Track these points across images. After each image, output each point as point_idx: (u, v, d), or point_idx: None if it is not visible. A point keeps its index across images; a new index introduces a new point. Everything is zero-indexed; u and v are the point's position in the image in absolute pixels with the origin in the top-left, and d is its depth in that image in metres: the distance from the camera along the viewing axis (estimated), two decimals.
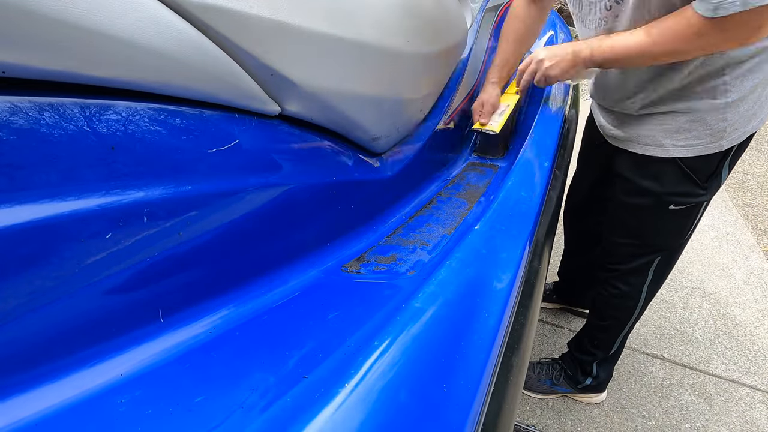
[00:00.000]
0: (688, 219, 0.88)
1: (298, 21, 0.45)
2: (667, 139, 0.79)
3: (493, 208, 0.58)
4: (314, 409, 0.29)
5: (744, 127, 0.76)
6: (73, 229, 0.31)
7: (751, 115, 0.75)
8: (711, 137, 0.76)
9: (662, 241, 0.93)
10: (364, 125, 0.63)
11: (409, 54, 0.65)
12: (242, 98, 0.45)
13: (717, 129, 0.75)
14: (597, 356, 1.16)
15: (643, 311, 1.06)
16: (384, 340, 0.35)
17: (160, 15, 0.35)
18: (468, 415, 0.33)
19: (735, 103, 0.72)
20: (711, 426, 1.20)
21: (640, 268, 0.97)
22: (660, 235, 0.91)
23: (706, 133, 0.75)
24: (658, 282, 1.01)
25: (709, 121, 0.74)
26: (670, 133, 0.78)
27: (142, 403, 0.32)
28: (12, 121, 0.29)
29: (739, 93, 0.72)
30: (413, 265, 0.59)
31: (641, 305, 1.03)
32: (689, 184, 0.81)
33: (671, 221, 0.88)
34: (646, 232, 0.92)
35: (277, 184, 0.49)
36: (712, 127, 0.74)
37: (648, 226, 0.91)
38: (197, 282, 0.42)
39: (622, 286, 1.02)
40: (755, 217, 2.10)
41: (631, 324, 1.08)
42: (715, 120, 0.74)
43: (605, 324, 1.11)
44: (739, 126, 0.75)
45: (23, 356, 0.30)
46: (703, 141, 0.76)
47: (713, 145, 0.76)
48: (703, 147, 0.77)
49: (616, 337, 1.11)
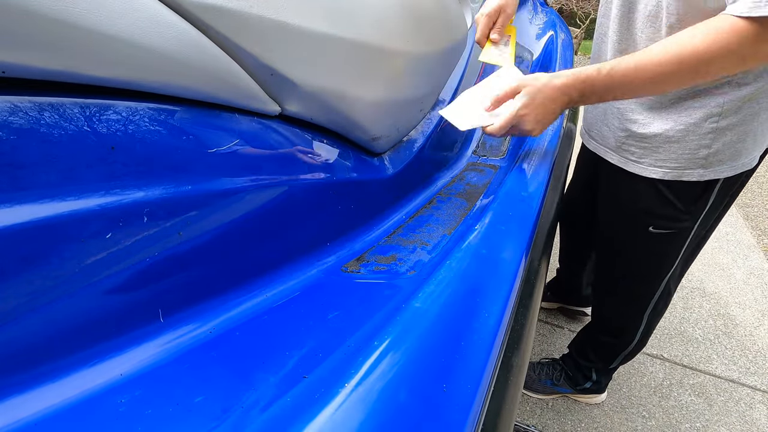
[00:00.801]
0: (671, 246, 0.82)
1: (298, 21, 0.45)
2: (645, 157, 0.73)
3: (493, 208, 0.58)
4: (314, 409, 0.29)
5: (732, 161, 0.68)
6: (73, 229, 0.31)
7: (741, 149, 0.67)
8: (690, 163, 0.69)
9: (645, 267, 0.87)
10: (364, 125, 0.63)
11: (409, 54, 0.65)
12: (242, 98, 0.45)
13: (697, 156, 0.68)
14: (597, 365, 1.16)
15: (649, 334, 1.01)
16: (384, 340, 0.35)
17: (160, 15, 0.35)
18: (468, 415, 0.33)
19: (719, 131, 0.66)
20: (711, 426, 1.20)
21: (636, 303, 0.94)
22: (643, 259, 0.86)
23: (685, 157, 0.69)
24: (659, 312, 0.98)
25: (689, 143, 0.68)
26: (648, 150, 0.72)
27: (142, 403, 0.32)
28: (12, 121, 0.29)
29: (727, 121, 0.65)
30: (413, 265, 0.59)
31: (643, 329, 1.00)
32: (668, 207, 0.75)
33: (653, 245, 0.82)
34: (626, 251, 0.88)
35: (277, 184, 0.49)
36: (692, 151, 0.68)
37: (628, 245, 0.86)
38: (197, 282, 0.42)
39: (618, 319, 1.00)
40: (755, 217, 2.10)
41: (633, 347, 1.05)
42: (695, 145, 0.67)
43: (609, 341, 1.09)
44: (725, 158, 0.67)
45: (23, 356, 0.30)
46: (680, 165, 0.70)
47: (692, 172, 0.70)
48: (680, 172, 0.70)
49: (619, 353, 1.09)
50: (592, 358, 1.16)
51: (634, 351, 1.07)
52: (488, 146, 1.06)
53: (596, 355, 1.14)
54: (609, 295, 1.02)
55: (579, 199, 1.11)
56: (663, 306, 0.97)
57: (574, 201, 1.13)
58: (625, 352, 1.08)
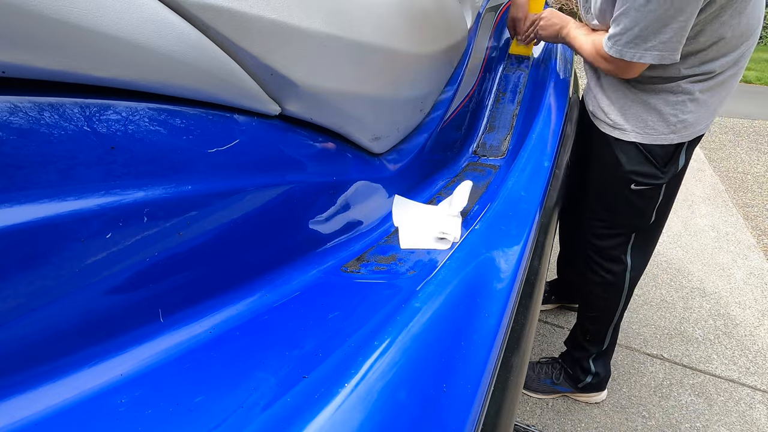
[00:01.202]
0: (650, 201, 0.97)
1: (298, 21, 0.45)
2: (627, 125, 0.91)
3: (493, 208, 0.58)
4: (314, 409, 0.29)
5: (695, 127, 0.87)
6: (73, 229, 0.31)
7: (701, 118, 0.86)
8: (665, 129, 0.87)
9: (628, 220, 1.01)
10: (364, 125, 0.63)
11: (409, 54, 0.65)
12: (242, 98, 0.45)
13: (670, 122, 0.86)
14: (591, 351, 1.18)
15: (628, 300, 1.12)
16: (384, 340, 0.35)
17: (160, 15, 0.35)
18: (468, 415, 0.33)
19: (685, 103, 0.84)
20: (711, 426, 1.20)
21: (616, 252, 1.05)
22: (625, 215, 1.01)
23: (660, 124, 0.87)
24: (638, 269, 1.08)
25: (664, 114, 0.86)
26: (630, 120, 0.90)
27: (142, 403, 0.32)
28: (12, 121, 0.29)
29: (691, 96, 0.83)
30: (413, 265, 0.58)
31: (625, 294, 1.09)
32: (649, 165, 0.92)
33: (634, 201, 0.97)
34: (612, 210, 1.02)
35: (277, 184, 0.49)
36: (667, 120, 0.86)
37: (614, 203, 1.01)
38: (197, 282, 0.42)
39: (605, 275, 1.08)
40: (755, 217, 2.10)
41: (618, 314, 1.13)
42: (668, 115, 0.86)
43: (593, 315, 1.15)
44: (690, 126, 0.86)
45: (23, 356, 0.30)
46: (656, 131, 0.88)
47: (665, 137, 0.88)
48: (656, 137, 0.89)
49: (606, 328, 1.15)
50: (585, 344, 1.19)
51: (615, 329, 1.15)
52: (488, 146, 1.06)
53: (588, 338, 1.18)
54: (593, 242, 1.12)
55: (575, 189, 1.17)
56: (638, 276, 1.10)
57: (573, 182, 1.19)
58: (610, 329, 1.15)
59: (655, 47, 0.74)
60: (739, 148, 2.85)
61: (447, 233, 0.66)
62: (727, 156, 2.75)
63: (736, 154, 2.78)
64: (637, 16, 0.71)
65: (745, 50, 0.81)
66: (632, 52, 0.76)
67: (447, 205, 0.76)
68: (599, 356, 1.18)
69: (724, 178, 2.46)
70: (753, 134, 3.06)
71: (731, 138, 3.01)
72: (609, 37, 0.78)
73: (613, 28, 0.76)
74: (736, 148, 2.85)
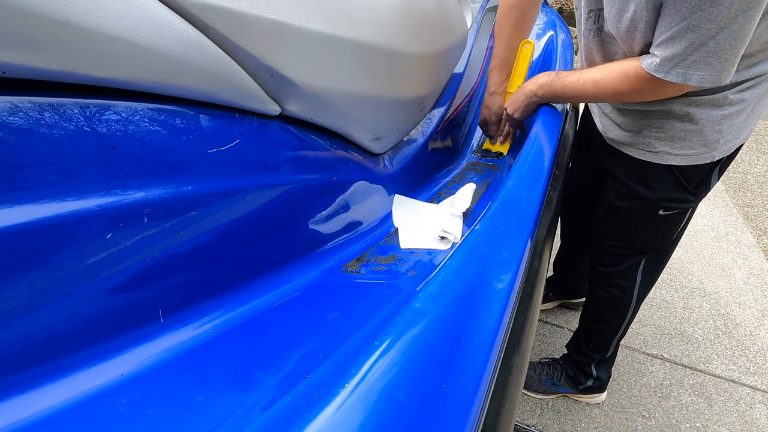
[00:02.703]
0: (675, 224, 0.90)
1: (298, 21, 0.45)
2: (663, 146, 0.80)
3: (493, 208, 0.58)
4: (314, 409, 0.29)
5: (735, 139, 0.78)
6: (73, 229, 0.31)
7: (744, 127, 0.77)
8: (705, 147, 0.78)
9: (648, 243, 0.95)
10: (364, 125, 0.63)
11: (409, 54, 0.65)
12: (242, 98, 0.45)
13: (711, 140, 0.77)
14: (595, 358, 1.17)
15: (635, 313, 1.08)
16: (384, 340, 0.35)
17: (160, 15, 0.35)
18: (468, 415, 0.33)
19: (731, 116, 0.75)
20: (711, 426, 1.20)
21: (629, 271, 1.00)
22: (647, 238, 0.94)
23: (701, 143, 0.77)
24: (648, 284, 1.03)
25: (705, 131, 0.76)
26: (666, 141, 0.79)
27: (142, 403, 0.32)
28: (12, 121, 0.29)
29: (737, 107, 0.74)
30: (413, 265, 0.58)
31: (633, 308, 1.06)
32: (681, 190, 0.84)
33: (659, 225, 0.90)
34: (633, 234, 0.95)
35: (277, 184, 0.49)
36: (707, 137, 0.76)
37: (636, 228, 0.93)
38: (197, 282, 0.42)
39: (614, 291, 1.04)
40: (755, 217, 2.10)
41: (625, 326, 1.10)
42: (710, 131, 0.76)
43: (600, 327, 1.13)
44: (731, 138, 0.77)
45: (23, 356, 0.30)
46: (697, 151, 0.78)
47: (706, 155, 0.78)
48: (696, 157, 0.79)
49: (611, 339, 1.13)
50: (588, 352, 1.17)
51: (625, 329, 1.12)
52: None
53: (592, 347, 1.16)
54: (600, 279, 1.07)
55: (578, 190, 1.15)
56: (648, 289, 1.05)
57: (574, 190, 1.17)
58: (614, 342, 1.12)
59: (710, 64, 0.61)
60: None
61: (448, 233, 0.66)
62: None
63: None
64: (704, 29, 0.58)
65: None
66: (686, 72, 0.62)
67: (449, 205, 0.76)
68: (602, 362, 1.18)
69: (724, 178, 2.46)
70: (753, 134, 3.06)
71: None
72: (663, 58, 0.63)
73: (669, 46, 0.62)
74: None
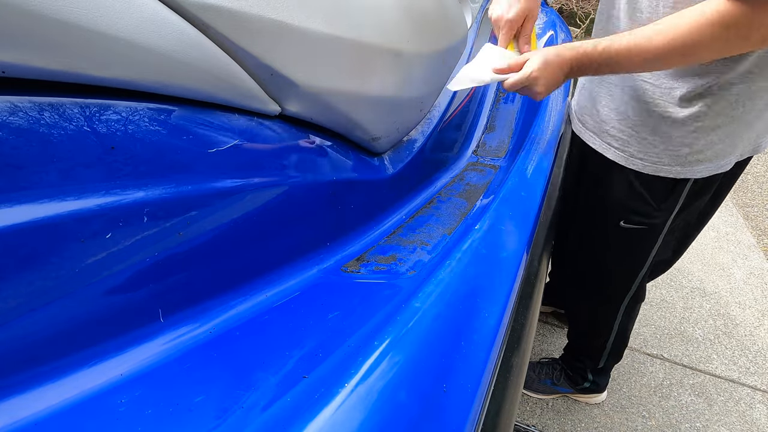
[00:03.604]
0: (642, 243, 0.81)
1: (298, 21, 0.45)
2: (629, 146, 0.73)
3: (493, 208, 0.58)
4: (314, 409, 0.29)
5: (710, 162, 0.68)
6: (73, 229, 0.31)
7: (720, 151, 0.67)
8: (670, 159, 0.69)
9: (617, 263, 0.87)
10: (364, 125, 0.63)
11: (409, 54, 0.65)
12: (242, 98, 0.45)
13: (678, 153, 0.69)
14: (588, 366, 1.17)
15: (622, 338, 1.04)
16: (384, 340, 0.35)
17: (160, 15, 0.35)
18: (468, 415, 0.33)
19: (705, 131, 0.66)
20: (711, 426, 1.20)
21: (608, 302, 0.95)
22: (613, 255, 0.86)
23: (667, 153, 0.69)
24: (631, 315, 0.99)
25: (673, 139, 0.68)
26: (634, 139, 0.72)
27: (142, 403, 0.32)
28: (12, 121, 0.29)
29: (713, 122, 0.65)
30: (413, 265, 0.58)
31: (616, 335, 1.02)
32: (639, 201, 0.75)
33: (624, 241, 0.82)
34: (598, 246, 0.88)
35: (277, 184, 0.49)
36: (674, 149, 0.68)
37: (599, 239, 0.87)
38: (197, 282, 0.42)
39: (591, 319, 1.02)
40: (755, 217, 2.10)
41: (612, 347, 1.06)
42: (678, 141, 0.68)
43: (583, 343, 1.12)
44: (703, 158, 0.68)
45: (23, 356, 0.30)
46: (662, 161, 0.70)
47: (670, 168, 0.70)
48: (659, 167, 0.71)
49: (600, 354, 1.11)
50: (581, 359, 1.17)
51: (614, 350, 1.07)
52: (488, 146, 1.06)
53: (583, 356, 1.16)
54: (579, 293, 1.02)
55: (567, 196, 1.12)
56: (636, 307, 0.97)
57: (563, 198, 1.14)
58: (606, 352, 1.08)
59: None
60: None
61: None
62: None
63: None
64: None
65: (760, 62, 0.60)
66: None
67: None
68: (597, 371, 1.17)
69: None
70: None
71: None
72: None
73: None
74: None
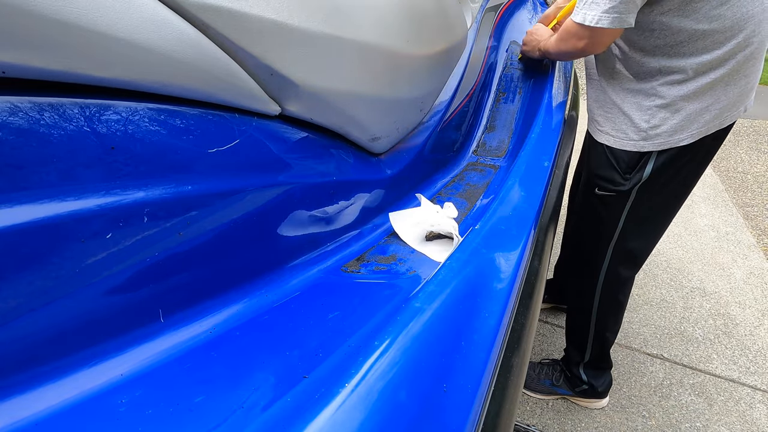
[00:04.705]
0: (611, 209, 0.93)
1: (298, 21, 0.45)
2: (605, 125, 0.89)
3: (493, 208, 0.58)
4: (314, 409, 0.29)
5: (669, 137, 0.81)
6: (73, 229, 0.31)
7: (678, 127, 0.80)
8: (635, 134, 0.83)
9: (588, 226, 1.00)
10: (364, 125, 0.63)
11: (409, 54, 0.65)
12: (242, 98, 0.45)
13: (641, 128, 0.82)
14: (577, 358, 1.18)
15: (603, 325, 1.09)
16: (384, 340, 0.35)
17: (159, 15, 0.35)
18: (468, 415, 0.33)
19: (662, 110, 0.80)
20: (711, 426, 1.20)
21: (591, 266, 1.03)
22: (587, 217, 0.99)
23: (631, 128, 0.84)
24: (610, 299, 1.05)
25: (635, 118, 0.82)
26: (606, 118, 0.88)
27: (142, 403, 0.32)
28: (12, 121, 0.29)
29: (669, 101, 0.79)
30: (413, 265, 0.58)
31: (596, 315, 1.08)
32: (611, 170, 0.89)
33: (598, 206, 0.95)
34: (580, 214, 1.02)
35: (277, 184, 0.49)
36: (637, 125, 0.83)
37: (581, 205, 1.01)
38: (197, 282, 0.42)
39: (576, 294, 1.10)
40: (755, 217, 2.10)
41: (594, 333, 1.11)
42: (639, 119, 0.82)
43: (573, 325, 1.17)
44: (663, 133, 0.81)
45: (23, 356, 0.30)
46: (627, 135, 0.85)
47: (634, 143, 0.84)
48: (625, 141, 0.85)
49: (585, 341, 1.14)
50: (571, 352, 1.19)
51: (598, 342, 1.12)
52: (488, 146, 1.06)
53: (572, 344, 1.19)
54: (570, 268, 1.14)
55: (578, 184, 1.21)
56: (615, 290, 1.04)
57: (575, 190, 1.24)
58: (589, 342, 1.13)
59: (612, 8, 0.70)
60: (739, 148, 2.85)
61: (440, 227, 0.65)
62: (727, 155, 2.74)
63: (736, 153, 2.78)
64: None
65: (735, 52, 0.73)
66: (592, 14, 0.73)
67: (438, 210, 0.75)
68: (588, 366, 1.18)
69: (723, 178, 2.46)
70: (753, 134, 3.06)
71: (731, 137, 3.00)
72: (576, 7, 0.77)
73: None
74: (736, 148, 2.85)
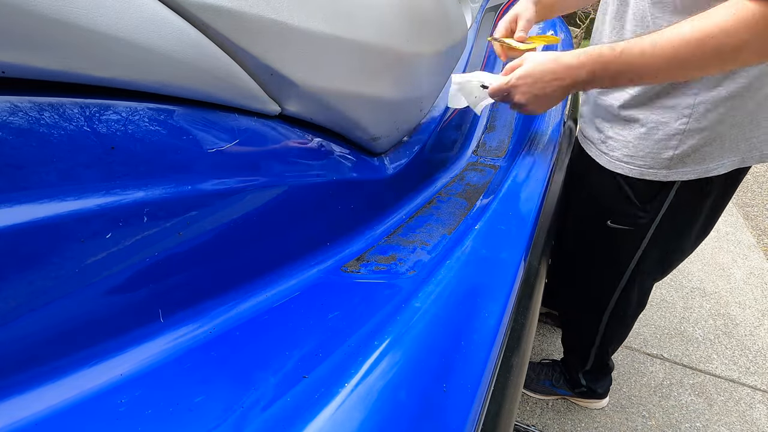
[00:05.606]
0: (627, 243, 0.82)
1: (297, 21, 0.45)
2: (616, 151, 0.73)
3: (493, 208, 0.58)
4: (314, 409, 0.29)
5: (696, 165, 0.67)
6: (73, 229, 0.31)
7: (706, 154, 0.66)
8: (653, 161, 0.69)
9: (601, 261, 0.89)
10: (364, 125, 0.63)
11: (409, 54, 0.65)
12: (242, 98, 0.45)
13: (662, 156, 0.68)
14: (578, 366, 1.16)
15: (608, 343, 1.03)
16: (384, 340, 0.35)
17: (159, 14, 0.35)
18: (468, 415, 0.33)
19: (689, 134, 0.65)
20: (711, 426, 1.20)
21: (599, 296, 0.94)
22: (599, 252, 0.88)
23: (651, 155, 0.69)
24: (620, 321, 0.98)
25: (658, 143, 0.68)
26: (620, 143, 0.72)
27: (142, 403, 0.32)
28: (12, 121, 0.29)
29: (699, 124, 0.64)
30: (413, 265, 0.58)
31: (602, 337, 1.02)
32: (625, 203, 0.76)
33: (612, 239, 0.82)
34: (585, 243, 0.90)
35: (276, 184, 0.49)
36: (658, 151, 0.68)
37: (587, 237, 0.89)
38: (197, 282, 0.42)
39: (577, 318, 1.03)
40: (755, 217, 2.10)
41: (597, 350, 1.06)
42: (663, 145, 0.67)
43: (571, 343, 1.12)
44: (688, 161, 0.67)
45: (23, 356, 0.30)
46: (647, 163, 0.70)
47: (654, 171, 0.70)
48: (645, 170, 0.71)
49: (587, 356, 1.09)
50: (571, 360, 1.17)
51: (600, 354, 1.06)
52: (488, 146, 1.06)
53: (573, 356, 1.16)
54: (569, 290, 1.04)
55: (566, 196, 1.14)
56: (626, 312, 0.96)
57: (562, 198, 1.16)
58: (592, 355, 1.07)
59: None
60: None
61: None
62: None
63: None
64: None
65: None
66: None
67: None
68: (588, 373, 1.16)
69: None
70: None
71: None
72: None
73: None
74: None
